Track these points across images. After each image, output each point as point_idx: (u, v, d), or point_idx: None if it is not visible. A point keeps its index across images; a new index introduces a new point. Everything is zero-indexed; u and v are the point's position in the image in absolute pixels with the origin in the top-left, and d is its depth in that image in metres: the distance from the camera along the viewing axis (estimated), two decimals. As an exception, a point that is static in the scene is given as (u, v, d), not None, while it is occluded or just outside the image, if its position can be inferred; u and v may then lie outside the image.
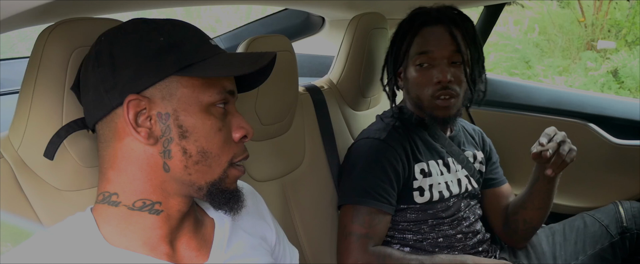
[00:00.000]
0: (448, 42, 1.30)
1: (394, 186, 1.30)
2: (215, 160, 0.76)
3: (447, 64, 1.31)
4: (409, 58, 1.35)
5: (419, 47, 1.32)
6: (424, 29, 1.33)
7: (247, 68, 0.75)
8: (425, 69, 1.32)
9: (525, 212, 1.45)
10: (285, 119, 1.34)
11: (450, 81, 1.29)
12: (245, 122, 0.80)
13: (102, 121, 0.74)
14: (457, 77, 1.31)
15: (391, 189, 1.30)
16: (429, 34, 1.32)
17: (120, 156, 0.74)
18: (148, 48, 0.72)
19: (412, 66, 1.34)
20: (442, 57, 1.30)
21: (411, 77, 1.35)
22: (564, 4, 5.47)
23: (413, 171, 1.34)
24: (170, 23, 0.76)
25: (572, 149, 1.28)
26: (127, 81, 0.71)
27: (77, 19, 0.83)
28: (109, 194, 0.75)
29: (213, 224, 0.86)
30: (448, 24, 1.31)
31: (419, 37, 1.33)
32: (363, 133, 1.42)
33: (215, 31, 4.91)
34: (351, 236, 1.27)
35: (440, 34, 1.31)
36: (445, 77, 1.28)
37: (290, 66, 1.30)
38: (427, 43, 1.31)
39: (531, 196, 1.42)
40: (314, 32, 1.94)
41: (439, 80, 1.29)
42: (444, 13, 1.33)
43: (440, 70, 1.30)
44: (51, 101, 0.81)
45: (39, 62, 0.80)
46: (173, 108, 0.73)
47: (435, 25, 1.32)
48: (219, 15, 5.44)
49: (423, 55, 1.32)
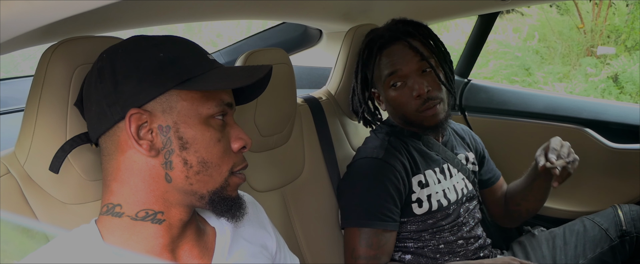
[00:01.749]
0: (412, 56, 1.32)
1: (396, 203, 1.32)
2: (215, 170, 0.79)
3: (418, 75, 1.33)
4: (381, 82, 1.37)
5: (386, 69, 1.34)
6: (384, 51, 1.35)
7: (243, 81, 0.77)
8: (400, 87, 1.34)
9: (528, 204, 1.53)
10: (284, 130, 1.36)
11: (429, 91, 1.32)
12: (243, 133, 0.83)
13: (105, 135, 0.77)
14: (433, 84, 1.33)
15: (394, 207, 1.31)
16: (391, 54, 1.34)
17: (123, 168, 0.76)
18: (148, 64, 0.75)
19: (387, 88, 1.36)
20: (411, 71, 1.32)
21: (390, 99, 1.37)
22: (563, 11, 5.50)
23: (411, 185, 1.36)
24: (170, 39, 0.79)
25: (576, 160, 1.33)
26: (129, 95, 0.74)
27: (79, 38, 0.86)
28: (113, 205, 0.77)
29: (214, 233, 0.88)
30: (404, 39, 1.33)
31: (383, 60, 1.35)
32: (360, 152, 1.43)
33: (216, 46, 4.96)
34: (360, 259, 1.29)
35: (401, 50, 1.33)
36: (422, 89, 1.31)
37: (287, 78, 1.33)
38: (393, 63, 1.33)
39: (532, 191, 1.49)
40: (312, 44, 1.97)
41: (418, 94, 1.31)
42: (397, 30, 1.36)
43: (415, 83, 1.32)
44: (55, 117, 0.84)
45: (43, 80, 0.83)
46: (173, 121, 0.75)
47: (393, 43, 1.34)
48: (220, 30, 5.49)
49: (393, 76, 1.34)
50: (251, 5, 1.36)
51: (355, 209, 1.33)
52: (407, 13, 1.48)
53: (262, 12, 1.47)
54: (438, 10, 1.74)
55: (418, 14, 1.41)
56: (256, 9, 1.41)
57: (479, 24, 2.01)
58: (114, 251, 0.75)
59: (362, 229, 1.30)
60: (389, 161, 1.33)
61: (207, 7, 1.27)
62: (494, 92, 2.02)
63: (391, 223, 1.30)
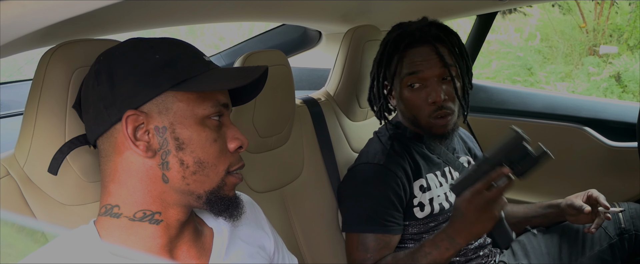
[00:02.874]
0: (436, 61, 1.31)
1: (398, 209, 1.32)
2: (212, 169, 0.79)
3: (438, 82, 1.31)
4: (399, 79, 1.36)
5: (408, 68, 1.32)
6: (410, 50, 1.33)
7: (239, 81, 0.78)
8: (417, 89, 1.33)
9: (530, 223, 1.56)
10: (283, 131, 1.37)
11: (445, 99, 1.31)
12: (240, 133, 0.84)
13: (103, 137, 0.78)
14: (450, 94, 1.32)
15: (396, 212, 1.32)
16: (416, 55, 1.32)
17: (121, 169, 0.77)
18: (144, 66, 0.76)
19: (403, 87, 1.35)
20: (432, 76, 1.31)
21: (404, 99, 1.36)
22: (565, 11, 5.49)
23: (412, 190, 1.36)
24: (166, 41, 0.80)
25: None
26: (125, 97, 0.75)
27: (77, 41, 0.87)
28: (111, 206, 0.78)
29: (212, 234, 0.89)
30: (433, 43, 1.31)
31: (407, 58, 1.33)
32: (362, 156, 1.42)
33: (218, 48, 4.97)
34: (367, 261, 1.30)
35: (427, 53, 1.31)
36: (439, 97, 1.29)
37: (286, 79, 1.34)
38: (416, 64, 1.31)
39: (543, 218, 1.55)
40: (311, 45, 1.98)
41: (434, 100, 1.30)
42: (428, 32, 1.33)
43: (433, 89, 1.30)
44: (54, 119, 0.85)
45: (42, 83, 0.84)
46: (170, 121, 0.76)
47: (421, 45, 1.32)
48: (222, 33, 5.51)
49: (413, 76, 1.32)
50: (249, 7, 1.37)
51: (357, 215, 1.34)
52: (406, 14, 1.49)
53: (260, 14, 1.48)
54: (436, 11, 1.75)
55: (416, 14, 1.42)
56: (255, 11, 1.42)
57: (477, 24, 2.02)
58: (111, 251, 0.76)
59: (366, 235, 1.31)
60: (390, 167, 1.32)
61: (205, 9, 1.28)
62: (493, 92, 2.03)
63: (395, 228, 1.32)
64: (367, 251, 1.30)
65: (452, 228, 1.19)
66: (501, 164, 1.11)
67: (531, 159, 1.10)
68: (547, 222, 1.55)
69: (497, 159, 1.12)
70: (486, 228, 1.16)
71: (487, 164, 1.13)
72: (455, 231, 1.19)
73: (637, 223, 1.50)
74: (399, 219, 1.33)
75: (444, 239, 1.20)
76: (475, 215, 1.14)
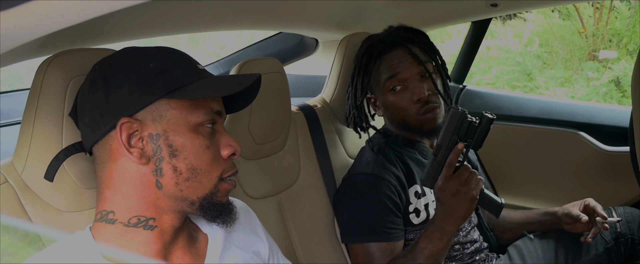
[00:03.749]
0: (411, 61, 1.35)
1: (397, 214, 1.34)
2: (205, 176, 0.81)
3: (418, 80, 1.35)
4: (380, 86, 1.40)
5: (386, 73, 1.37)
6: (384, 56, 1.38)
7: (231, 89, 0.80)
8: (400, 91, 1.37)
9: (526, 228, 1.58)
10: (278, 138, 1.38)
11: (429, 95, 1.34)
12: (233, 140, 0.85)
13: (98, 144, 0.80)
14: (432, 90, 1.36)
15: (396, 218, 1.33)
16: (391, 59, 1.37)
17: (116, 175, 0.79)
18: (139, 74, 0.78)
19: (386, 92, 1.39)
20: (411, 75, 1.35)
21: (390, 103, 1.39)
22: (564, 16, 5.51)
23: (408, 196, 1.37)
24: (160, 50, 0.82)
25: None
26: (120, 105, 0.77)
27: (74, 50, 0.89)
28: (106, 212, 0.79)
29: (206, 240, 0.90)
30: (404, 45, 1.36)
31: (383, 65, 1.38)
32: (355, 167, 1.44)
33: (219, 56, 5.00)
34: None
35: (401, 55, 1.36)
36: (423, 93, 1.33)
37: (281, 87, 1.35)
38: (393, 67, 1.36)
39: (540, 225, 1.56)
40: (308, 53, 2.00)
41: (419, 97, 1.34)
42: (397, 35, 1.38)
43: (415, 87, 1.34)
44: (51, 127, 0.86)
45: (39, 91, 0.86)
46: (163, 129, 0.78)
47: (394, 49, 1.37)
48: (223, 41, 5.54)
49: (394, 79, 1.36)
50: (246, 15, 1.39)
51: (357, 225, 1.35)
52: (400, 21, 1.50)
53: (256, 22, 1.50)
54: (431, 18, 1.77)
55: (411, 21, 1.44)
56: (251, 19, 1.44)
57: (472, 30, 2.04)
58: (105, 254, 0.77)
59: (369, 244, 1.32)
60: (383, 176, 1.34)
61: (201, 18, 1.30)
62: (489, 98, 2.05)
63: (398, 234, 1.33)
64: (373, 260, 1.31)
65: (438, 218, 1.21)
66: (456, 144, 1.15)
67: (479, 128, 1.15)
68: (544, 229, 1.56)
69: (449, 140, 1.16)
70: (470, 208, 1.18)
71: (442, 149, 1.16)
72: (442, 221, 1.21)
73: (633, 227, 1.51)
74: (400, 224, 1.34)
75: (435, 231, 1.22)
76: (453, 200, 1.17)
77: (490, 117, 1.14)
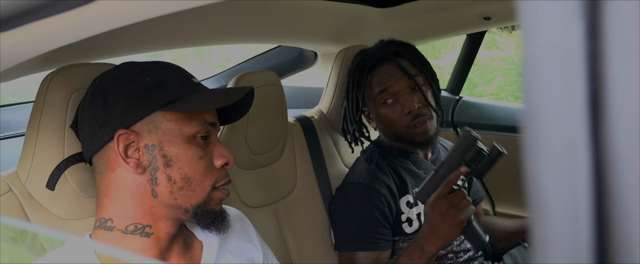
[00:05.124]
0: (401, 75, 1.38)
1: (385, 226, 1.36)
2: (198, 185, 0.84)
3: (408, 93, 1.38)
4: (372, 100, 1.43)
5: (378, 87, 1.40)
6: (375, 71, 1.41)
7: (223, 102, 0.84)
8: (391, 105, 1.39)
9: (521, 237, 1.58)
10: (275, 149, 1.42)
11: (419, 107, 1.37)
12: (226, 150, 0.89)
13: (97, 154, 0.84)
14: (422, 102, 1.39)
15: (384, 229, 1.36)
16: (382, 74, 1.40)
17: (113, 185, 0.83)
18: (135, 88, 0.82)
19: (378, 106, 1.42)
20: (401, 89, 1.38)
21: (382, 116, 1.42)
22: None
23: (399, 207, 1.40)
24: (156, 65, 0.86)
25: None
26: (117, 117, 0.81)
27: (76, 65, 0.93)
28: (105, 220, 0.83)
29: (201, 246, 0.93)
30: (394, 59, 1.39)
31: (374, 79, 1.41)
32: (348, 177, 1.48)
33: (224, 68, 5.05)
34: None
35: (391, 70, 1.39)
36: (413, 106, 1.36)
37: (277, 99, 1.39)
38: (384, 81, 1.39)
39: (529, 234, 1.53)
40: (308, 66, 2.04)
41: (409, 110, 1.36)
42: (387, 50, 1.42)
43: (405, 100, 1.37)
44: (54, 138, 0.90)
45: (43, 104, 0.90)
46: (158, 140, 0.82)
47: (384, 63, 1.40)
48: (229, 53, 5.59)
49: (385, 93, 1.39)
50: (243, 29, 1.43)
51: (346, 234, 1.38)
52: (397, 34, 1.54)
53: (254, 36, 1.54)
54: (426, 31, 1.81)
55: (407, 34, 1.48)
56: (248, 33, 1.48)
57: (467, 42, 2.07)
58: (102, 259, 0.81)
59: (356, 253, 1.35)
60: (375, 186, 1.37)
61: (200, 32, 1.34)
62: (485, 109, 2.07)
63: (384, 244, 1.35)
64: None
65: (421, 235, 1.23)
66: (459, 166, 1.15)
67: (486, 158, 1.14)
68: None
69: (453, 161, 1.15)
70: (453, 233, 1.18)
71: (445, 168, 1.16)
72: (424, 239, 1.22)
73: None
74: (387, 235, 1.37)
75: (416, 249, 1.24)
76: (440, 220, 1.18)
77: (501, 151, 1.12)
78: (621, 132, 0.23)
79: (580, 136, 0.24)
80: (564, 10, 0.25)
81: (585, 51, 0.25)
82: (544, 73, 0.27)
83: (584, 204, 0.24)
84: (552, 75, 0.26)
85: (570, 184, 0.25)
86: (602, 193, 0.23)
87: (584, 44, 0.24)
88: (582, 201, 0.24)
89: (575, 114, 0.25)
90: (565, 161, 0.26)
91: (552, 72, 0.26)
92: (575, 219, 0.24)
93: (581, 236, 0.24)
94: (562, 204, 0.25)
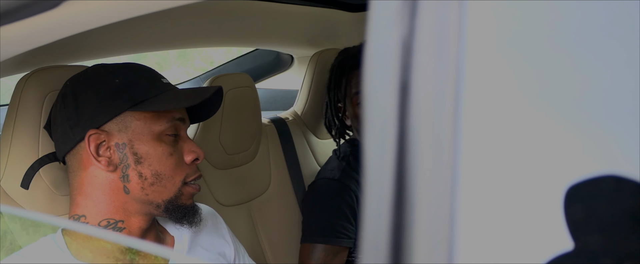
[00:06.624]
0: None
1: (351, 221, 1.40)
2: (169, 181, 0.88)
3: None
4: (349, 99, 1.47)
5: (355, 88, 1.44)
6: (355, 72, 1.45)
7: (190, 101, 0.88)
8: None
9: None
10: (249, 149, 1.46)
11: None
12: (195, 146, 0.92)
13: (70, 154, 0.87)
14: None
15: (348, 225, 1.40)
16: (360, 75, 1.44)
17: (86, 182, 0.86)
18: (105, 89, 0.85)
19: (354, 105, 1.46)
20: None
21: (357, 116, 1.46)
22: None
23: None
24: (127, 66, 0.90)
25: None
26: (88, 118, 0.84)
27: (50, 67, 0.96)
28: (78, 216, 0.87)
29: (173, 241, 0.97)
30: None
31: (353, 79, 1.45)
32: (320, 173, 1.52)
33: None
34: None
35: None
36: None
37: (251, 100, 1.43)
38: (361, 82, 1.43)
39: None
40: (284, 69, 2.07)
41: None
42: None
43: None
44: (28, 139, 0.93)
45: (18, 106, 0.93)
46: (128, 138, 0.86)
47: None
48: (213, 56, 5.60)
49: (361, 94, 1.42)
50: (217, 33, 1.47)
51: (311, 227, 1.42)
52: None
53: (229, 39, 1.58)
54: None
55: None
56: (222, 36, 1.52)
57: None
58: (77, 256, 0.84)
59: (314, 245, 1.39)
60: (344, 182, 1.41)
61: (176, 35, 1.38)
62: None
63: (345, 240, 1.39)
64: (315, 261, 1.38)
65: None
66: None
67: None
68: None
69: None
70: None
71: None
72: None
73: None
74: (351, 232, 1.40)
75: None
76: None
77: None
78: (419, 110, 0.30)
79: (391, 112, 0.30)
80: (391, 15, 0.33)
81: (401, 48, 0.33)
82: (374, 64, 0.34)
83: (390, 163, 0.30)
84: (377, 65, 0.34)
85: (382, 147, 0.30)
86: (402, 155, 0.29)
87: (401, 43, 0.30)
88: (389, 159, 0.30)
89: (389, 96, 0.33)
90: (379, 131, 0.33)
91: (378, 63, 0.34)
92: (383, 172, 0.30)
93: (386, 185, 0.33)
94: (377, 161, 0.33)
